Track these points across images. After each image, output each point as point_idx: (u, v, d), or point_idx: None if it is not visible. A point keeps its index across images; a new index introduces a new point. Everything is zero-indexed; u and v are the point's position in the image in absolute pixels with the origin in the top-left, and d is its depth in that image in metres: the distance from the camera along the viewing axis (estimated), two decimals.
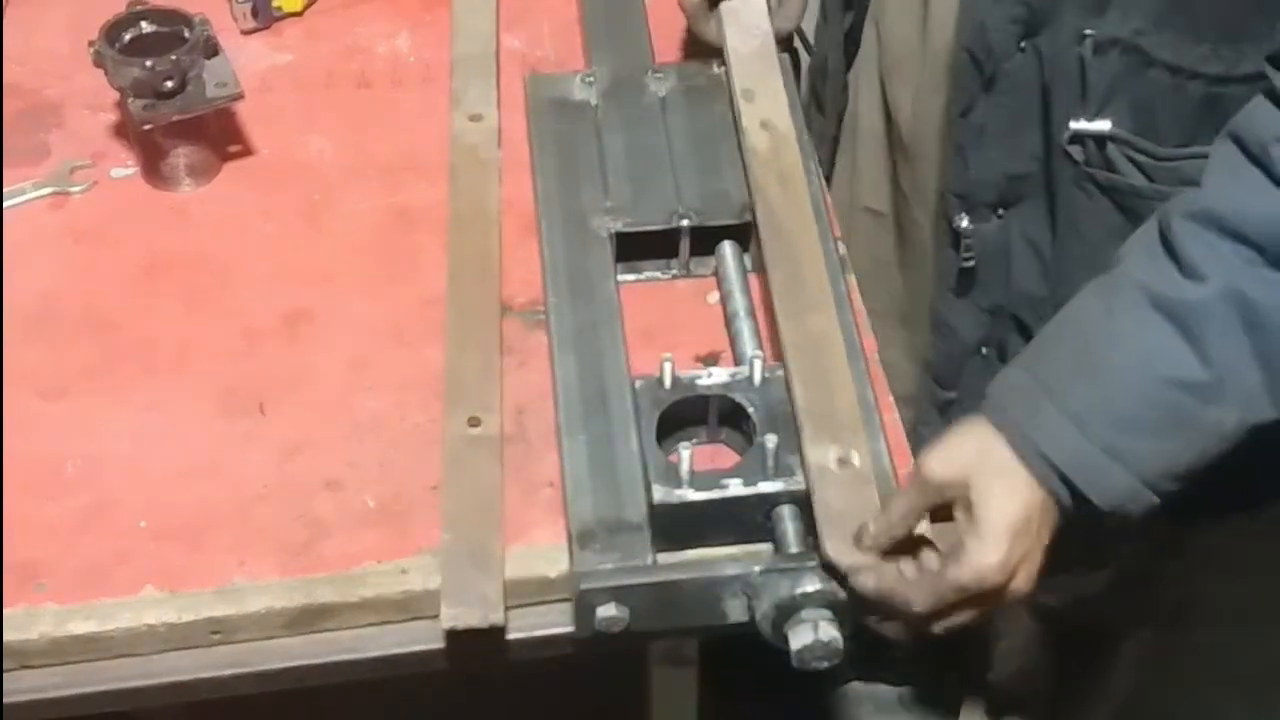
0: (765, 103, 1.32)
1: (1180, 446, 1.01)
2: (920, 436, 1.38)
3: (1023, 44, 1.21)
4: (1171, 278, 1.00)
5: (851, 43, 1.47)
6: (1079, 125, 1.22)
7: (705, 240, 1.27)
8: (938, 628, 1.03)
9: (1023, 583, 1.02)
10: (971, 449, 1.03)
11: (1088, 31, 1.18)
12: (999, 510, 1.01)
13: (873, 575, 1.02)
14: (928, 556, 1.04)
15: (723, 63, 1.39)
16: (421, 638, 1.08)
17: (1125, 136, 1.22)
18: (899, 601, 1.02)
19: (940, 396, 1.41)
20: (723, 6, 1.38)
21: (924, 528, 1.10)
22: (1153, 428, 1.00)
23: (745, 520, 1.09)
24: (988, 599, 1.02)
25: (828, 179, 1.50)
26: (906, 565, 1.04)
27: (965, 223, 1.31)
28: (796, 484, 1.08)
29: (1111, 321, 1.02)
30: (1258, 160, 1.00)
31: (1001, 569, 1.00)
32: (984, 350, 1.37)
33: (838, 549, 1.03)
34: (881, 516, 1.03)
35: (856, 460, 1.07)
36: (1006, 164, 1.29)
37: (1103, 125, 1.22)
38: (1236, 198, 1.00)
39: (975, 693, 1.87)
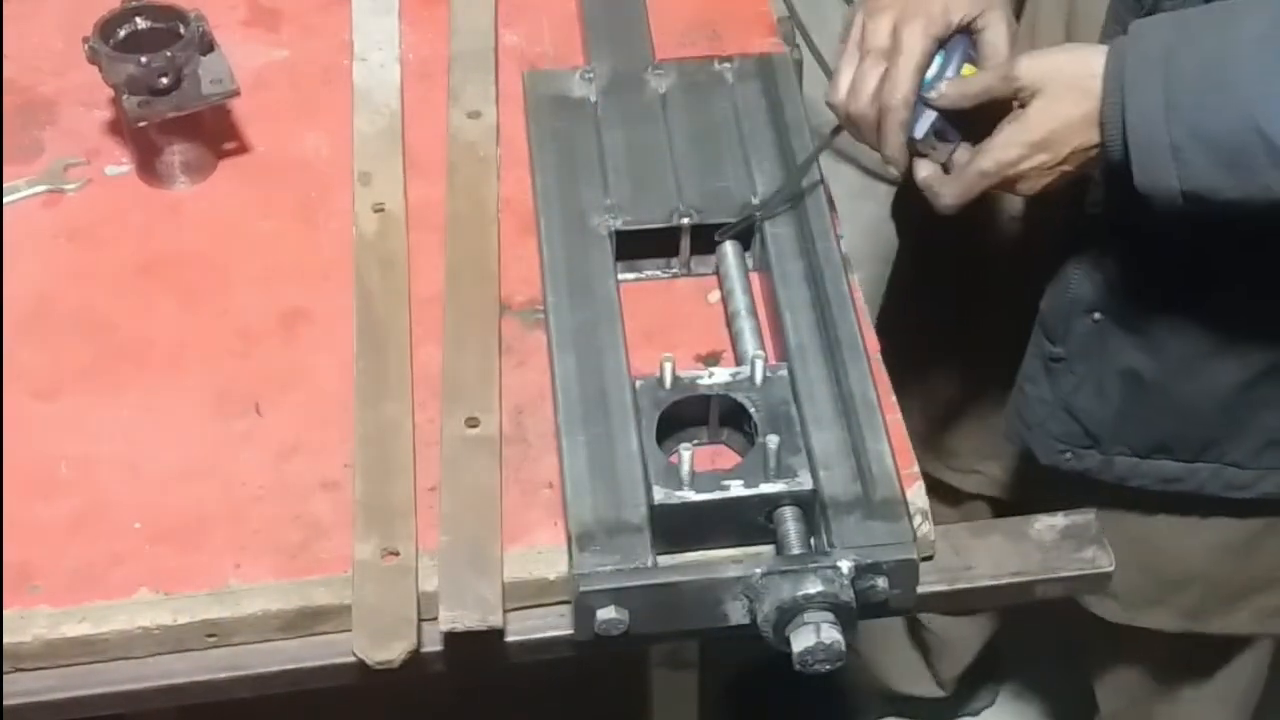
0: (381, 185, 1.32)
1: (1229, 184, 1.07)
2: (1025, 395, 1.38)
3: None
4: None
5: None
6: None
7: (706, 238, 1.26)
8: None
9: (1025, 185, 1.14)
10: (1065, 60, 1.12)
11: None
12: (1048, 115, 1.11)
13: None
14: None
15: (725, 59, 1.39)
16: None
17: None
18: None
19: (1047, 350, 1.38)
20: (355, 86, 1.40)
21: (927, 528, 1.10)
22: (1219, 155, 1.06)
23: (746, 521, 1.09)
24: (996, 183, 1.15)
25: None
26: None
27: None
28: (798, 485, 1.08)
29: (1255, 48, 1.05)
30: None
31: (1012, 164, 1.13)
32: (1096, 316, 1.33)
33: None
34: (960, 82, 1.15)
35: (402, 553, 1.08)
36: None
37: None
38: None
39: None
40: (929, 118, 1.17)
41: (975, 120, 1.17)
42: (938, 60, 1.18)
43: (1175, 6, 1.14)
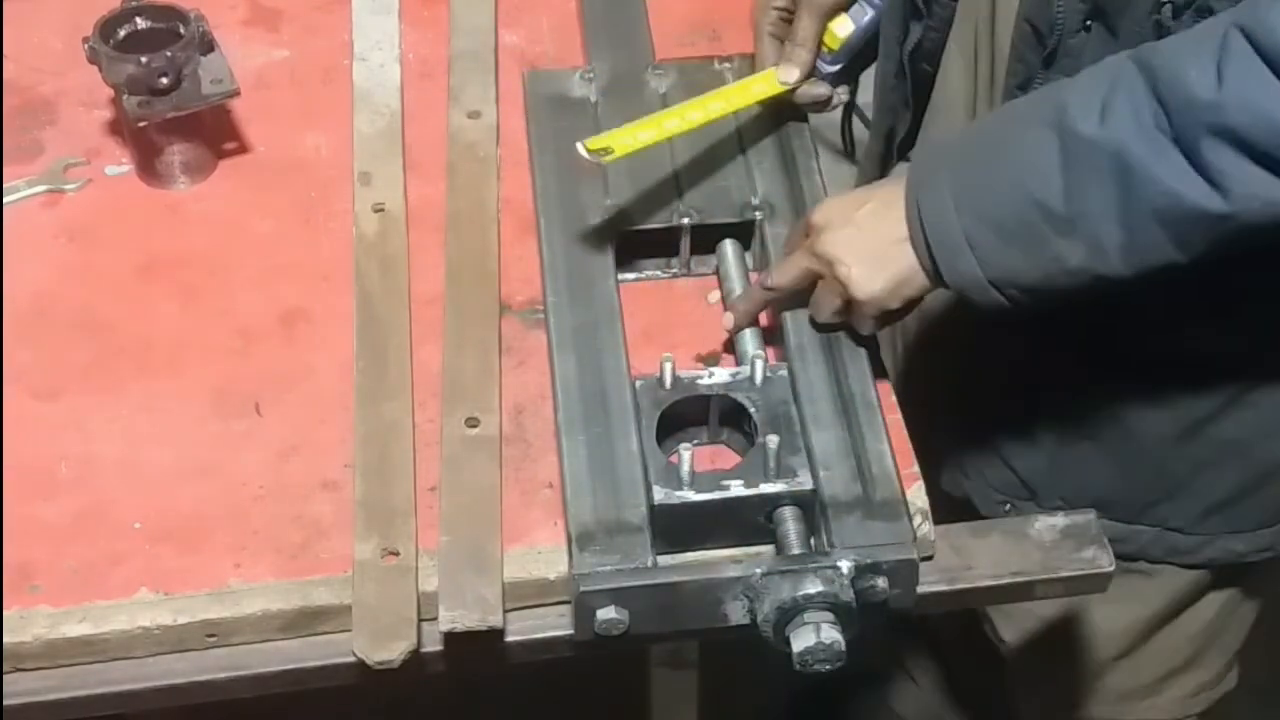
0: (381, 185, 1.33)
1: (1025, 261, 1.04)
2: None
3: (1088, 22, 1.14)
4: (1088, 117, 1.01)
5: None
6: None
7: (706, 238, 1.26)
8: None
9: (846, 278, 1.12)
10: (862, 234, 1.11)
11: None
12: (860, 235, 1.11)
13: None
14: None
15: (725, 59, 1.39)
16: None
17: None
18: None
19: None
20: (355, 86, 1.41)
21: (927, 528, 1.10)
22: (1006, 234, 1.04)
23: (746, 521, 1.09)
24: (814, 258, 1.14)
25: None
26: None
27: None
28: (798, 485, 1.08)
29: (1021, 127, 1.05)
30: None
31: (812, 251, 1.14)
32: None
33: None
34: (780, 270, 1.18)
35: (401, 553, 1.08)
36: None
37: None
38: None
39: None
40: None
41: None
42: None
43: (1077, 47, 1.13)
